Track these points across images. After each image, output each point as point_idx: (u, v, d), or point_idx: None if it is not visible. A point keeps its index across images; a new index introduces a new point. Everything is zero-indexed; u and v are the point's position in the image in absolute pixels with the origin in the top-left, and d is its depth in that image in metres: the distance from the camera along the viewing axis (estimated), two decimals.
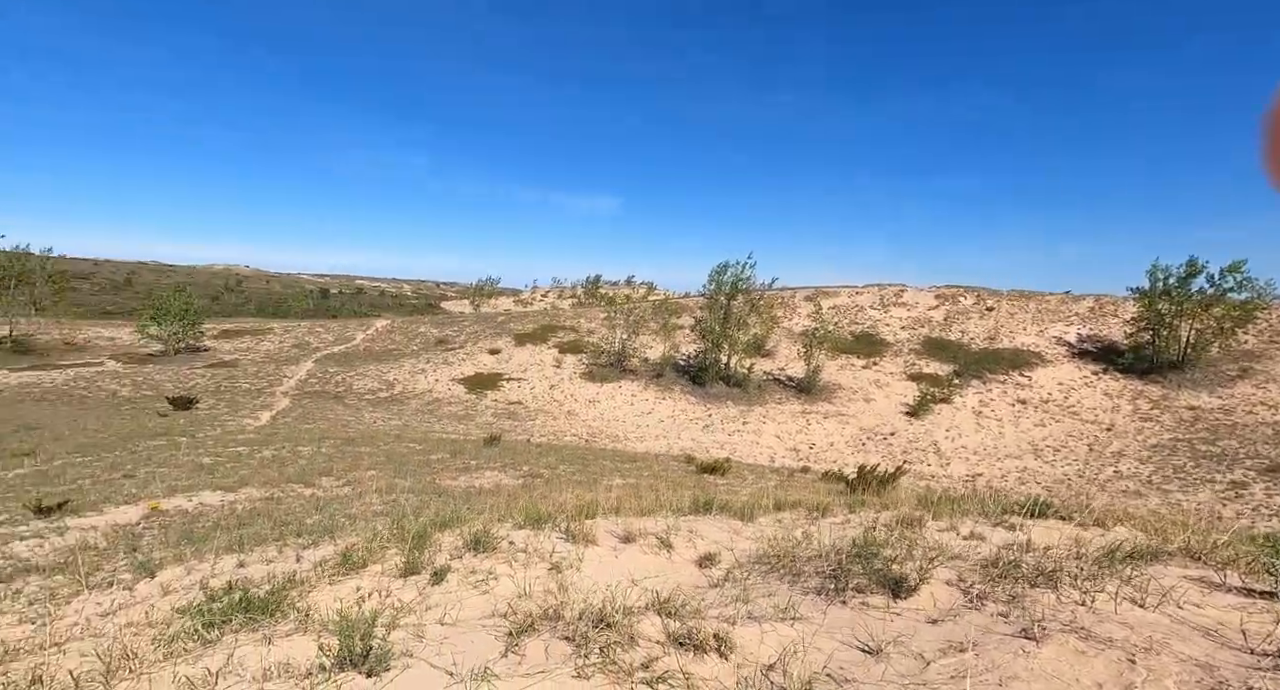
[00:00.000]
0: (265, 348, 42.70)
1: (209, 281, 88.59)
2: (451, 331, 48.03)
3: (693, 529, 3.59)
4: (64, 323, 41.02)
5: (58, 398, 25.77)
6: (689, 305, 47.78)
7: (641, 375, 37.24)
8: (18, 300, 38.71)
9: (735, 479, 13.92)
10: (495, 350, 41.02)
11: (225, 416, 22.08)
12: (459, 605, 2.54)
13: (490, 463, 12.70)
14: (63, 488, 8.66)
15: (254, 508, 7.42)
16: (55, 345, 37.79)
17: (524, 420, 29.08)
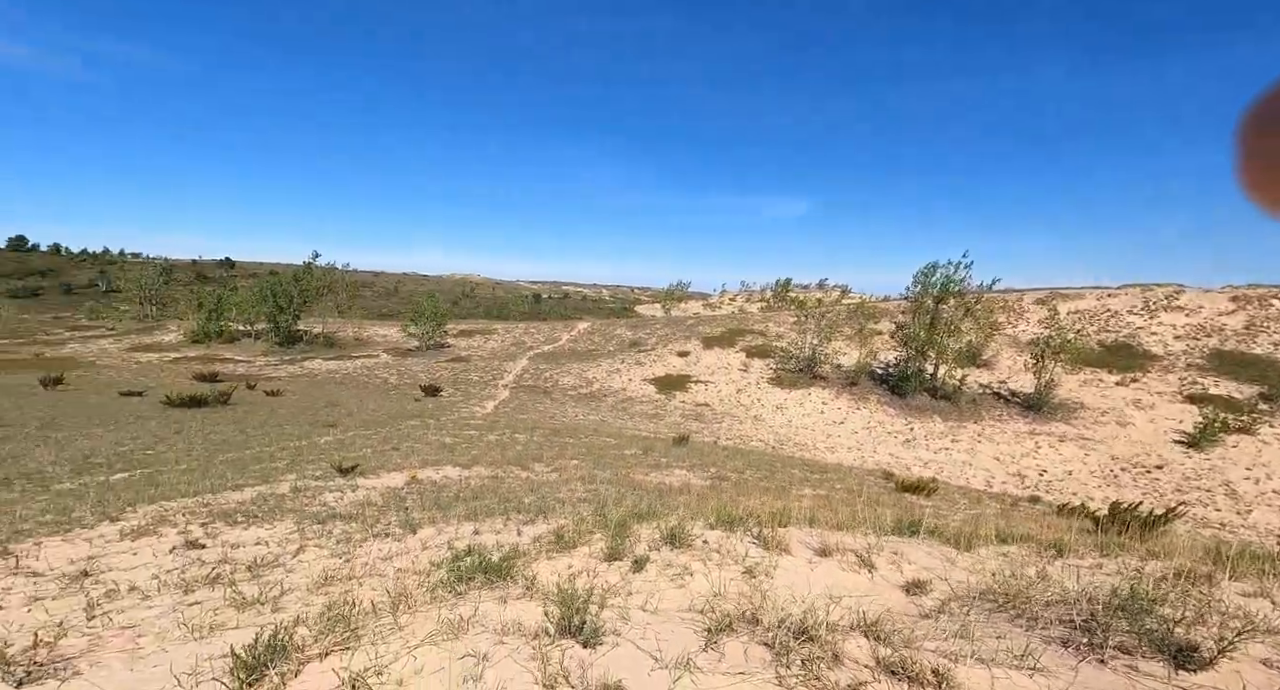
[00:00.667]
0: (490, 346, 49.35)
1: (451, 289, 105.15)
2: (644, 334, 50.54)
3: (898, 551, 3.32)
4: (355, 322, 51.99)
5: (351, 382, 32.73)
6: (888, 309, 44.06)
7: (833, 382, 35.32)
8: (326, 305, 50.11)
9: (943, 502, 12.48)
10: (684, 353, 42.18)
11: (460, 404, 26.01)
12: (658, 595, 2.68)
13: (679, 462, 13.10)
14: (354, 454, 10.96)
15: (483, 484, 8.62)
16: (349, 340, 48.08)
17: (710, 422, 29.45)
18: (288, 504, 6.70)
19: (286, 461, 10.45)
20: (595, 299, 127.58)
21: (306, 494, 7.41)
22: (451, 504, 6.50)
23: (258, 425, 15.55)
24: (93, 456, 11.30)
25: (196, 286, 62.56)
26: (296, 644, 2.08)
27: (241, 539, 5.14)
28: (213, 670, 2.15)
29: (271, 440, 13.51)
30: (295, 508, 6.49)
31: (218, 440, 13.27)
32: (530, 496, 7.02)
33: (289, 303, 43.72)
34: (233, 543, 4.99)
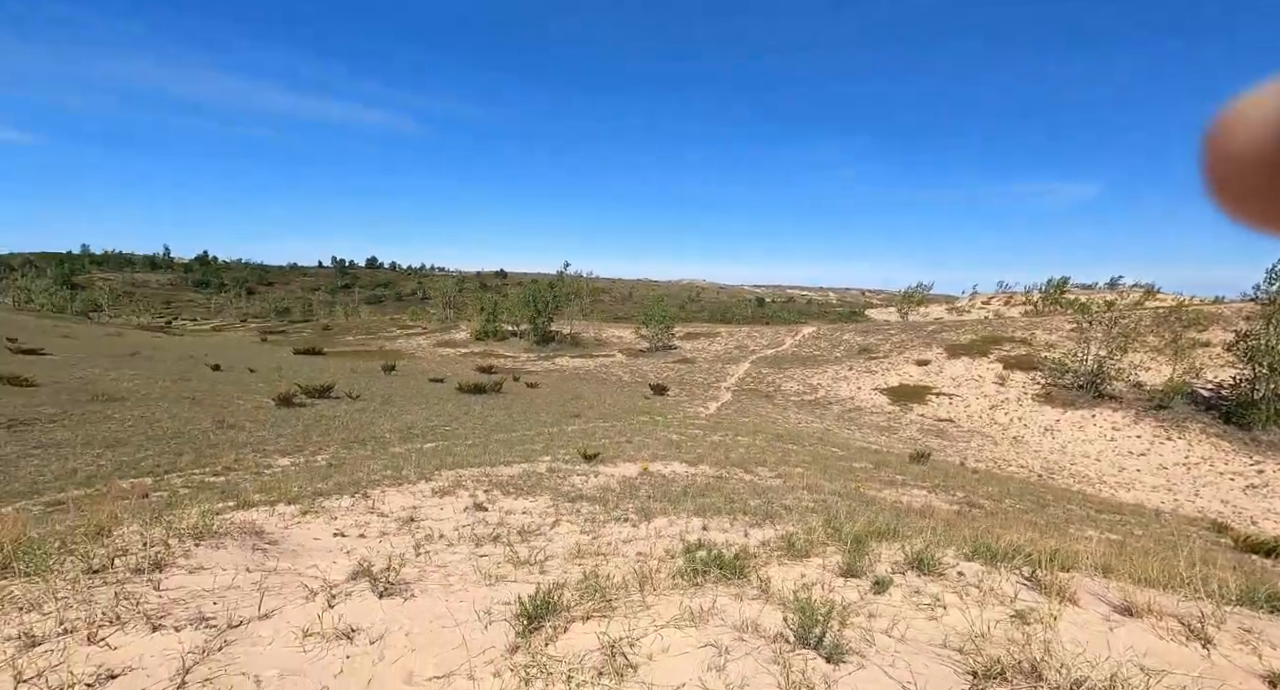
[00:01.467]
0: (714, 348, 50.60)
1: (678, 293, 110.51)
2: (875, 340, 46.82)
3: (1251, 628, 2.52)
4: (595, 325, 57.98)
5: (591, 378, 36.56)
6: (1221, 314, 33.87)
7: (1129, 404, 28.39)
8: (573, 309, 56.81)
9: None
10: (923, 361, 37.98)
11: (685, 403, 27.16)
12: (905, 623, 2.46)
13: (918, 481, 11.84)
14: (595, 443, 12.21)
15: (708, 483, 8.88)
16: (590, 341, 53.80)
17: (955, 440, 25.99)
18: (545, 482, 7.75)
19: (542, 445, 12.10)
20: (821, 303, 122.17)
21: (559, 475, 8.48)
22: (680, 498, 6.82)
23: (521, 411, 18.27)
24: (412, 428, 14.50)
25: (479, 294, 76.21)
26: (564, 604, 2.40)
27: (512, 507, 6.10)
28: (502, 613, 2.59)
29: (531, 425, 15.77)
30: (551, 486, 7.48)
31: (493, 422, 15.95)
32: (755, 500, 7.01)
33: (545, 307, 50.60)
34: (506, 509, 5.95)
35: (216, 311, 77.73)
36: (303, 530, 4.69)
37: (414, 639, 2.50)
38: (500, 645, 2.32)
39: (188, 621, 2.61)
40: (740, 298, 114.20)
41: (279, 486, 6.97)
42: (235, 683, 2.14)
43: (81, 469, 9.58)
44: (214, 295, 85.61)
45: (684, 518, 5.46)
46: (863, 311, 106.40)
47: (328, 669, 2.27)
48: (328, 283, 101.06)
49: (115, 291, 77.97)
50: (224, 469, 9.90)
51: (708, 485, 8.50)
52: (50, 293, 65.34)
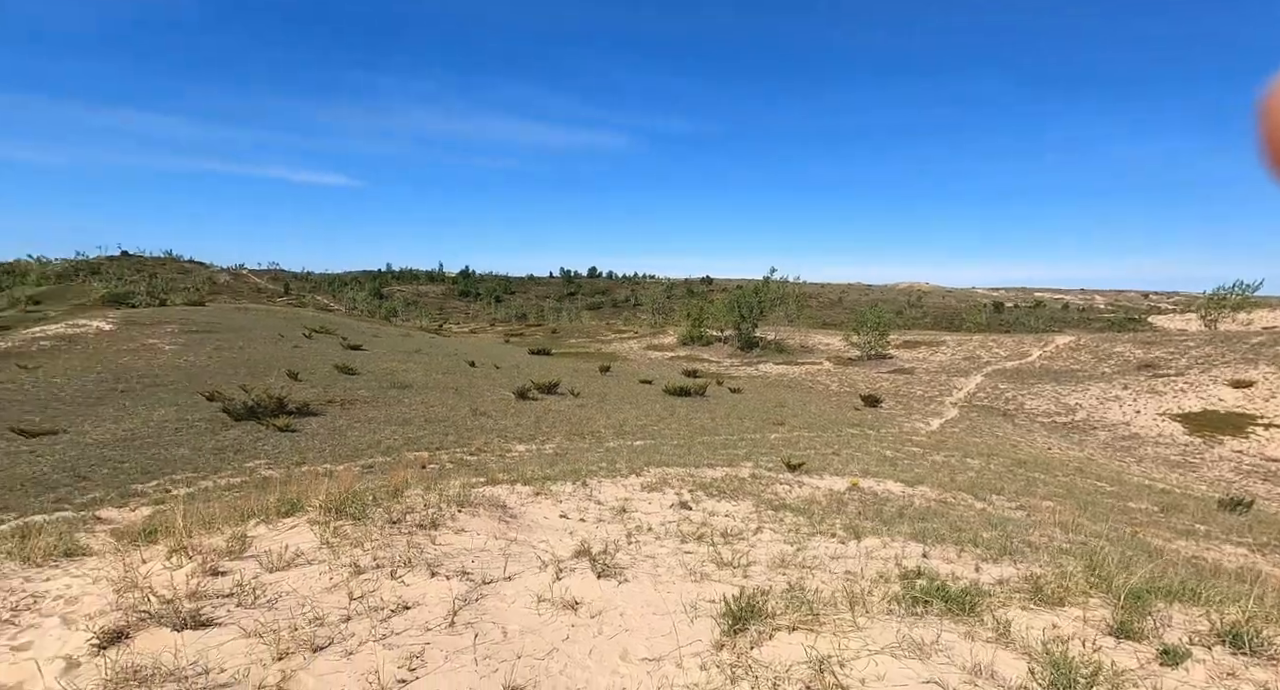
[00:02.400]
0: (938, 359, 45.27)
1: (895, 298, 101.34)
2: (1164, 353, 37.46)
3: None
4: (801, 331, 56.07)
5: (796, 386, 35.42)
6: None
7: None
8: (778, 315, 55.63)
9: None
10: (1243, 383, 29.29)
11: (900, 417, 24.76)
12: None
13: (1233, 535, 9.17)
14: (799, 453, 11.81)
15: (929, 506, 7.98)
16: (796, 347, 52.14)
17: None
18: (747, 487, 7.73)
19: (745, 450, 12.07)
20: (1083, 308, 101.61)
21: (761, 482, 8.39)
22: (894, 520, 6.26)
23: (724, 416, 18.46)
24: (624, 425, 15.60)
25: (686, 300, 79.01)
26: (769, 611, 2.39)
27: (715, 509, 6.21)
28: (707, 610, 2.67)
29: (734, 430, 15.85)
30: (753, 492, 7.43)
31: (696, 425, 16.39)
32: (989, 532, 6.12)
33: (749, 313, 50.42)
34: (710, 511, 6.08)
35: (473, 317, 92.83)
36: (535, 508, 5.37)
37: (627, 620, 2.71)
38: (705, 640, 2.39)
39: (455, 573, 3.18)
40: (971, 302, 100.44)
41: (517, 469, 8.07)
42: (488, 629, 2.55)
43: (384, 441, 12.19)
44: (471, 303, 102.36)
45: (899, 541, 5.00)
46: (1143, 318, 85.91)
47: (557, 633, 2.58)
48: (556, 291, 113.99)
49: (406, 300, 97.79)
50: (476, 450, 11.77)
51: (929, 509, 7.66)
52: (366, 302, 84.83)
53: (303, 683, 2.02)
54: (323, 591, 2.77)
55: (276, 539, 3.48)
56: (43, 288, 51.94)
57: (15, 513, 7.55)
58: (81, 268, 65.75)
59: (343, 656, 2.21)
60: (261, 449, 11.24)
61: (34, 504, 7.99)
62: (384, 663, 2.15)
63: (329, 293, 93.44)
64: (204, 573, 2.86)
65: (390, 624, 2.49)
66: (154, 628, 2.27)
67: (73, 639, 2.27)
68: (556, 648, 2.42)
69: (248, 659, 2.13)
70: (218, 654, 2.15)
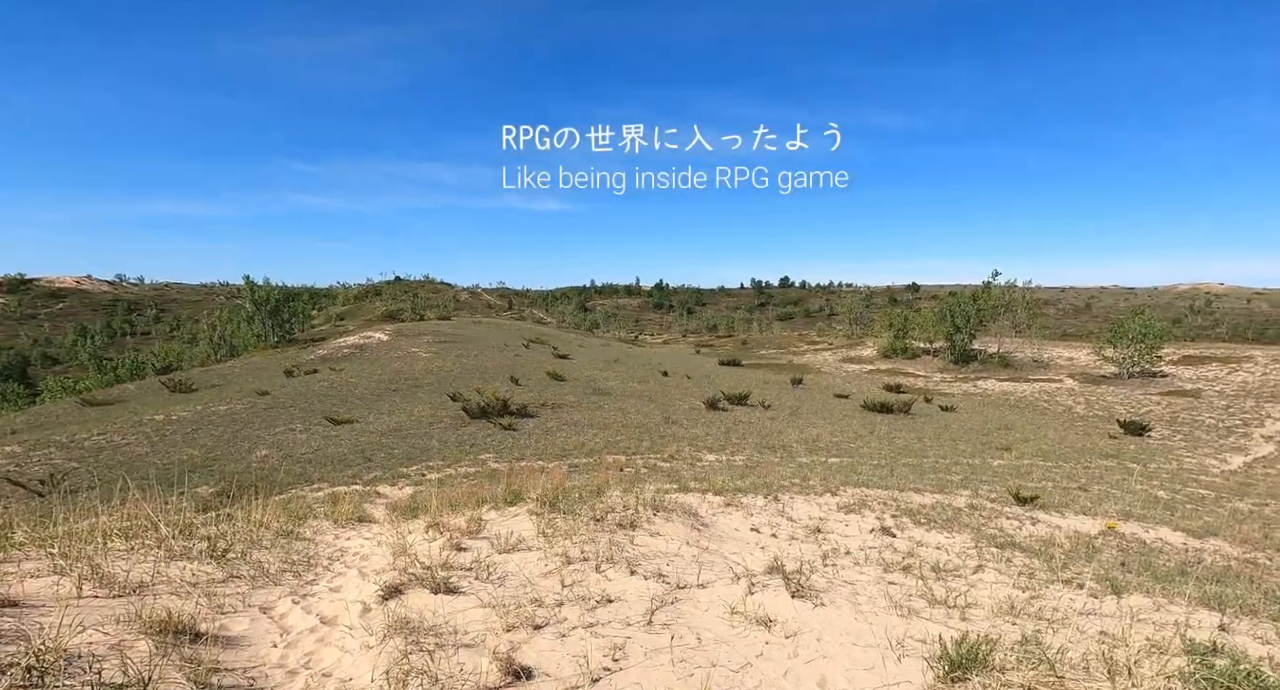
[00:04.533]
0: (1239, 378, 35.31)
1: (1171, 302, 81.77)
2: None
3: None
4: (1034, 343, 48.05)
5: (1025, 406, 30.44)
6: None
7: None
8: (1003, 324, 48.40)
9: None
10: None
11: (1181, 451, 19.75)
12: None
13: None
14: (1032, 484, 10.12)
15: (1228, 566, 6.26)
16: (1026, 361, 44.83)
17: None
18: (964, 518, 6.84)
19: (960, 477, 10.71)
20: None
21: (982, 513, 7.36)
22: (1173, 578, 5.03)
23: (932, 436, 16.59)
24: (817, 440, 14.90)
25: (888, 309, 72.83)
26: (996, 664, 2.09)
27: (924, 539, 5.61)
28: (916, 650, 2.43)
29: (945, 453, 14.15)
30: (971, 524, 6.55)
31: (900, 445, 14.97)
32: None
33: (965, 322, 44.66)
34: (917, 540, 5.51)
35: (666, 328, 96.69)
36: (725, 519, 5.40)
37: (824, 646, 2.58)
38: (917, 683, 2.18)
39: (651, 574, 3.34)
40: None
41: (707, 478, 8.18)
42: (683, 632, 2.63)
43: (587, 443, 13.28)
44: (665, 315, 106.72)
45: (1180, 605, 4.02)
46: None
47: (750, 647, 2.56)
48: (746, 301, 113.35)
49: (607, 313, 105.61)
50: (669, 457, 12.20)
51: (1227, 569, 6.03)
52: (573, 315, 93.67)
53: (526, 655, 2.30)
54: (540, 576, 3.12)
55: (504, 524, 4.01)
56: (346, 307, 66.81)
57: (327, 484, 9.78)
58: (370, 291, 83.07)
59: (557, 637, 2.47)
60: (490, 444, 13.00)
61: (338, 476, 10.27)
62: (591, 650, 2.35)
63: (543, 307, 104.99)
64: (451, 547, 3.41)
65: (596, 614, 2.71)
66: (418, 588, 2.79)
67: (366, 588, 2.88)
68: (750, 663, 2.41)
69: (484, 626, 2.49)
70: (462, 618, 2.55)
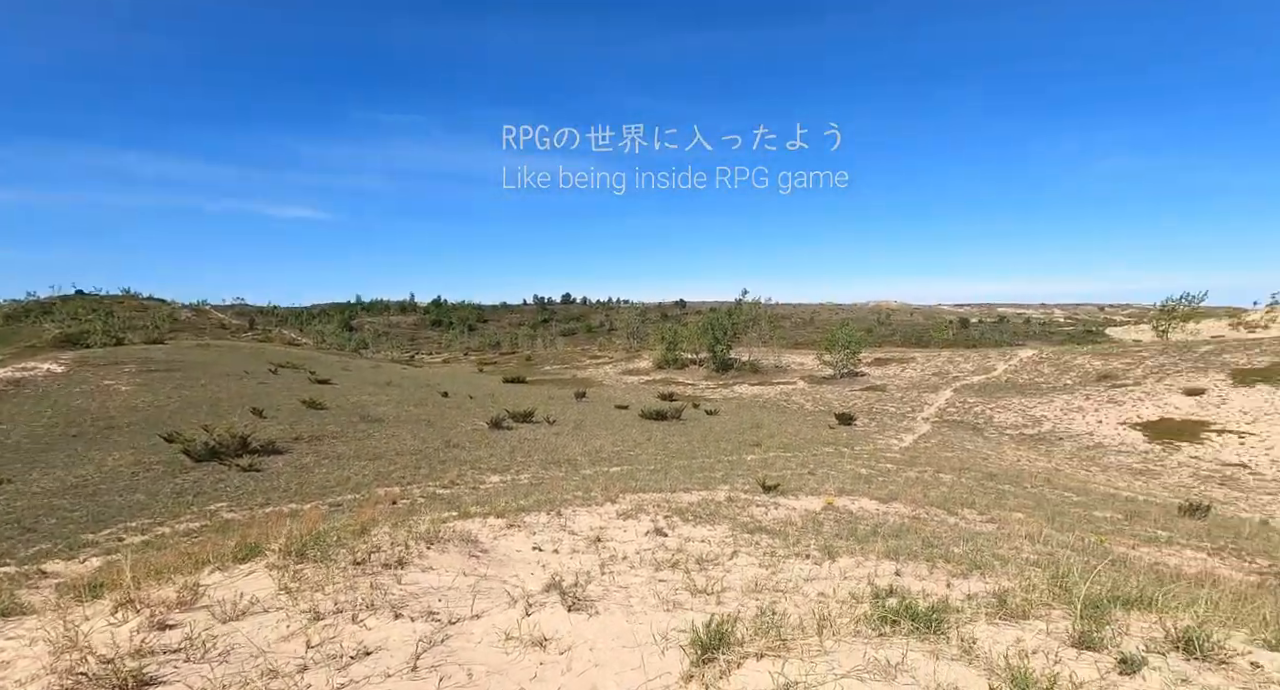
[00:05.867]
0: (908, 375, 46.19)
1: (864, 316, 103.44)
2: (1121, 364, 38.86)
3: None
4: (775, 351, 56.72)
5: (771, 406, 35.68)
6: None
7: None
8: (752, 336, 56.24)
9: None
10: (1196, 390, 30.48)
11: (875, 434, 25.07)
12: None
13: (1191, 539, 9.44)
14: (775, 473, 11.85)
15: (903, 523, 8.06)
16: (770, 368, 52.69)
17: (1252, 492, 20.23)
18: (723, 511, 7.70)
19: (722, 473, 12.07)
20: (1044, 322, 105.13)
21: (737, 504, 8.38)
22: (869, 538, 6.30)
23: (700, 439, 18.46)
24: (600, 452, 15.48)
25: (660, 324, 79.38)
26: (738, 638, 2.38)
27: (691, 534, 6.17)
28: (677, 640, 2.64)
29: (710, 453, 15.85)
30: (729, 515, 7.41)
31: (674, 449, 16.35)
32: (961, 546, 6.20)
33: (724, 335, 50.89)
34: (685, 536, 6.04)
35: (445, 346, 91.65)
36: (507, 541, 5.27)
37: (597, 654, 2.66)
38: (675, 671, 2.36)
39: (420, 614, 3.09)
40: (938, 319, 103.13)
41: (490, 501, 7.92)
42: (452, 671, 2.48)
43: (353, 477, 11.86)
44: (444, 333, 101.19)
45: (873, 560, 5.03)
46: (1101, 330, 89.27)
47: (524, 672, 2.51)
48: (530, 318, 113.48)
49: (377, 332, 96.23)
50: (449, 483, 11.53)
51: (902, 526, 7.73)
52: (335, 334, 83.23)
53: None
54: (279, 640, 2.67)
55: (232, 587, 3.34)
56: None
57: None
58: (33, 308, 63.26)
59: None
60: (224, 491, 10.84)
61: None
62: None
63: (295, 326, 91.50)
64: (151, 627, 2.73)
65: (349, 672, 2.40)
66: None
67: None
68: (523, 688, 2.37)
69: None
70: None
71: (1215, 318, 76.59)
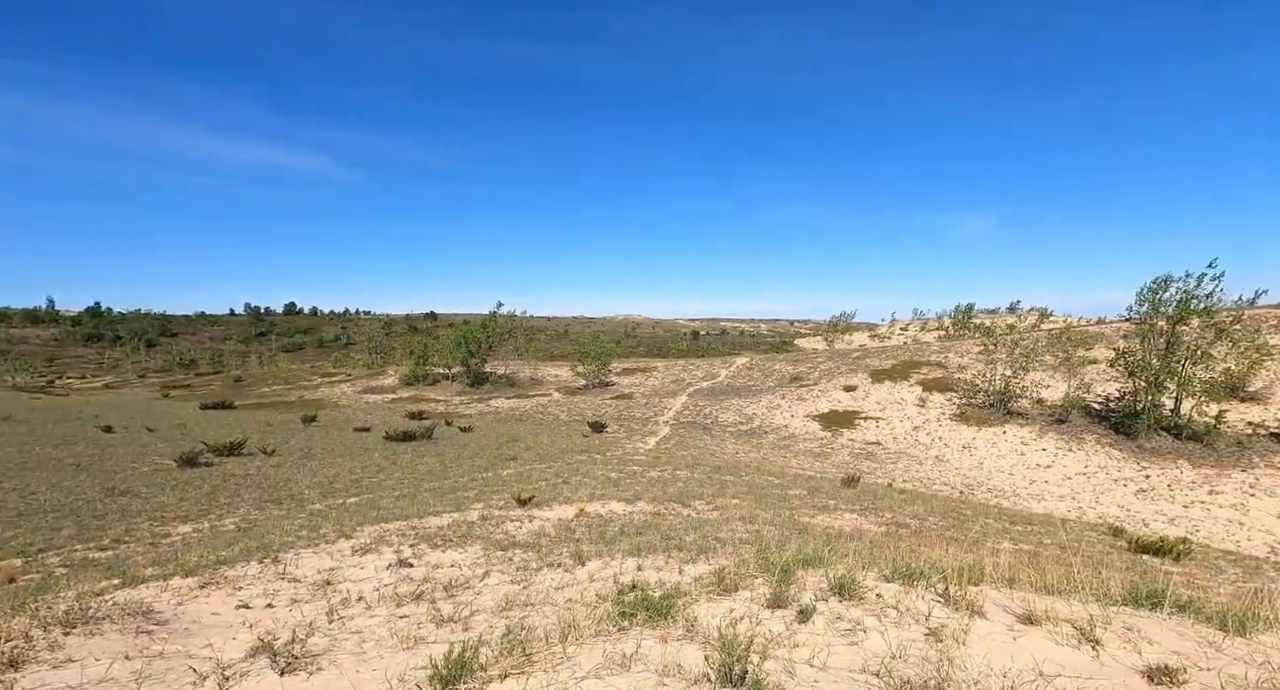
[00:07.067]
0: (651, 383, 50.90)
1: (614, 329, 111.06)
2: (805, 368, 48.59)
3: (1131, 626, 2.73)
4: (531, 364, 57.14)
5: (528, 419, 35.78)
6: (1104, 334, 37.51)
7: (1034, 419, 30.62)
8: (507, 349, 55.82)
9: (1200, 569, 10.01)
10: (850, 387, 39.66)
11: (624, 440, 27.00)
12: (826, 651, 2.50)
13: (849, 504, 12.20)
14: (531, 486, 11.88)
15: (646, 520, 8.79)
16: (526, 380, 52.88)
17: (884, 462, 27.07)
18: (476, 531, 7.43)
19: (476, 491, 11.65)
20: (753, 334, 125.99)
21: (491, 522, 8.17)
22: (616, 539, 6.71)
23: (454, 458, 17.57)
24: (335, 482, 13.63)
25: (408, 337, 73.68)
26: (481, 663, 2.30)
27: (440, 560, 5.81)
28: (415, 679, 2.44)
29: (464, 471, 15.18)
30: (482, 535, 7.18)
31: (424, 470, 15.24)
32: (692, 535, 7.00)
33: (478, 348, 49.52)
34: (434, 563, 5.65)
35: (111, 367, 71.11)
36: (200, 605, 4.27)
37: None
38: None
39: None
40: (676, 332, 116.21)
41: (176, 557, 6.34)
42: None
43: None
44: (108, 349, 78.43)
45: (619, 559, 5.37)
46: (792, 341, 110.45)
47: None
48: (240, 331, 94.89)
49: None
50: (112, 542, 8.92)
51: (645, 523, 8.42)
52: None
53: None
54: None
55: None
56: None
57: None
58: None
59: None
60: None
61: None
62: None
63: None
64: None
65: None
66: None
67: None
68: None
69: None
70: None
71: (860, 331, 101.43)
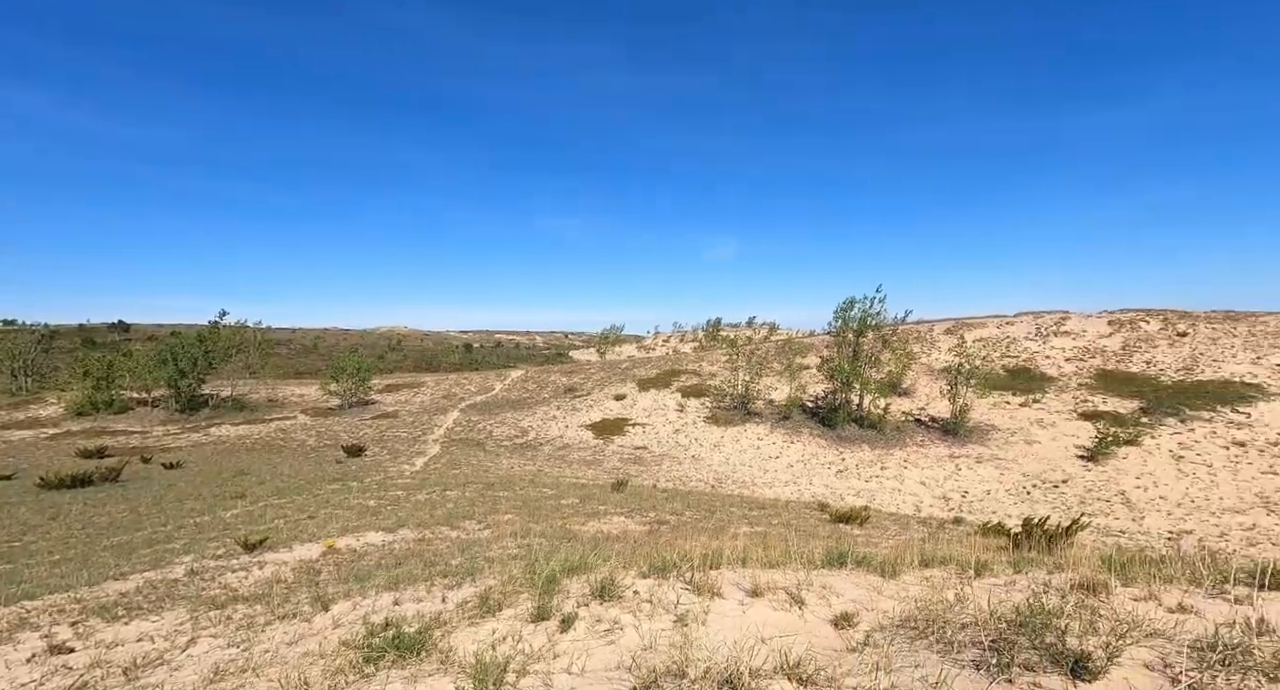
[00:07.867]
0: (420, 399, 47.41)
1: (376, 342, 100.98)
2: (579, 379, 50.19)
3: (826, 584, 3.35)
4: (268, 383, 48.76)
5: (264, 447, 30.36)
6: (814, 344, 46.07)
7: (767, 418, 36.15)
8: (236, 366, 46.81)
9: (875, 530, 12.82)
10: (620, 396, 42.09)
11: (387, 463, 24.60)
12: (585, 655, 2.56)
13: (618, 508, 12.86)
14: (264, 526, 10.08)
15: (409, 549, 8.10)
16: (262, 402, 44.90)
17: (650, 465, 29.26)
18: (181, 590, 6.02)
19: (184, 541, 9.46)
20: (529, 346, 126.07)
21: (205, 576, 6.70)
22: (371, 574, 6.05)
23: (152, 502, 14.06)
24: None
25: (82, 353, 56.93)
26: None
27: (121, 636, 4.55)
28: None
29: (168, 518, 12.22)
30: (190, 594, 5.84)
31: (103, 523, 11.87)
32: (458, 557, 6.65)
33: (192, 366, 40.51)
34: (109, 642, 4.41)
35: None
36: None
37: None
38: None
39: None
40: (447, 345, 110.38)
41: None
42: None
43: None
44: None
45: (372, 596, 4.83)
46: (567, 353, 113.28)
47: None
48: None
49: None
50: None
51: (407, 552, 7.76)
52: None
53: None
54: None
55: None
56: None
57: None
58: None
59: None
60: None
61: None
62: None
63: None
64: None
65: None
66: None
67: None
68: None
69: None
70: None
71: (629, 343, 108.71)
